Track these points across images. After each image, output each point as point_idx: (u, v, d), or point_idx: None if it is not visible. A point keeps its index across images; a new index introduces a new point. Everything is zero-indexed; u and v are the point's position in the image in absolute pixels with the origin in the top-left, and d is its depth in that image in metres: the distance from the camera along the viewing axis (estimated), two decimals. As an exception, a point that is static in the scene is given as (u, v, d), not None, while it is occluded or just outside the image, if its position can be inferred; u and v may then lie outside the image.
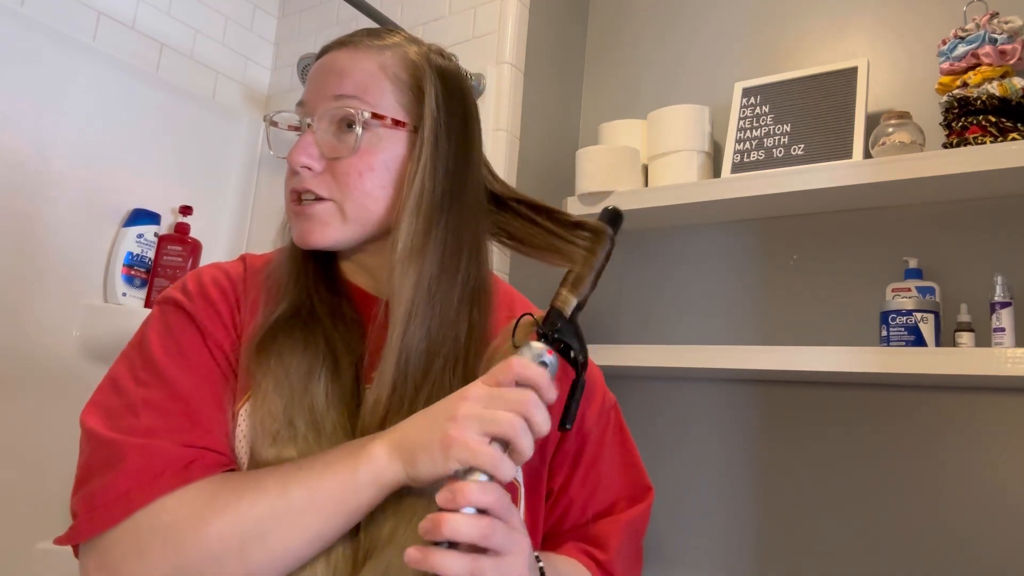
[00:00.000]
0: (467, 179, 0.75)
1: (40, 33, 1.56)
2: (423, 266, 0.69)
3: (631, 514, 0.79)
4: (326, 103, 0.72)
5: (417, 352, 0.67)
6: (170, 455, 0.61)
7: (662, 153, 1.55)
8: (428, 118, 0.72)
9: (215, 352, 0.69)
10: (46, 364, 1.54)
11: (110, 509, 0.60)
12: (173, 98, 1.81)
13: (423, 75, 0.74)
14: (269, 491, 0.60)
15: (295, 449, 0.64)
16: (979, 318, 1.24)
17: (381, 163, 0.72)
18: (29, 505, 1.49)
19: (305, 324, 0.71)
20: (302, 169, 0.71)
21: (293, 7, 2.09)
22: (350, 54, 0.74)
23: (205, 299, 0.72)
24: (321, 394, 0.67)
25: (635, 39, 1.81)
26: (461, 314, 0.71)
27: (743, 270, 1.53)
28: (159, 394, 0.65)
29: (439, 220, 0.71)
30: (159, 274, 1.71)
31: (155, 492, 0.60)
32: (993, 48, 1.23)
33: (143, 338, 0.71)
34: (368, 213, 0.72)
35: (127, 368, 0.69)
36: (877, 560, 1.29)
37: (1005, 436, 1.24)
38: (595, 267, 0.69)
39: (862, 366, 1.20)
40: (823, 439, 1.38)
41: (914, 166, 1.23)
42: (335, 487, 0.59)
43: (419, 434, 0.60)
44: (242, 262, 0.78)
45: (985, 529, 1.22)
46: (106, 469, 0.62)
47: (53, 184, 1.56)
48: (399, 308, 0.68)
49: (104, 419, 0.65)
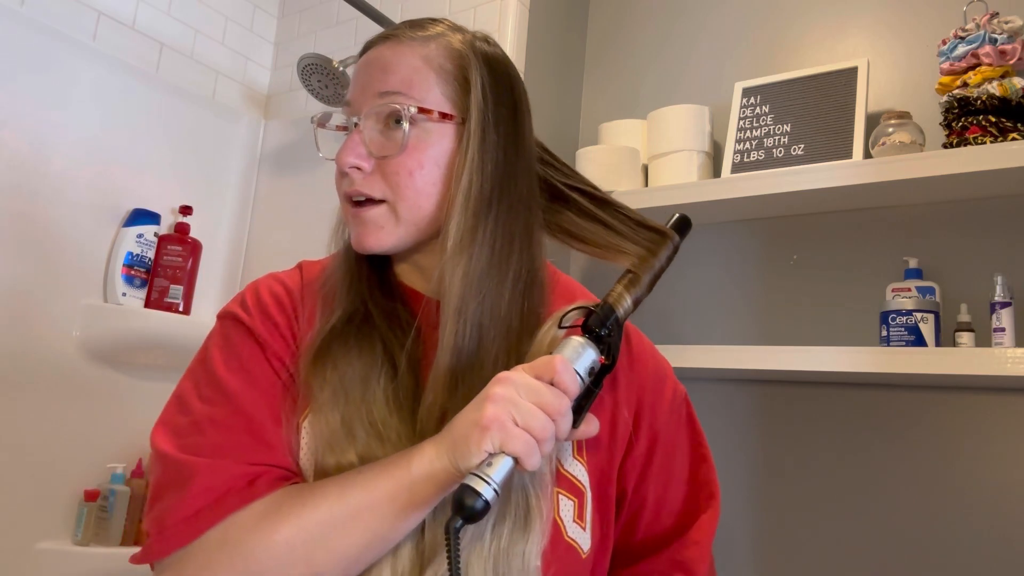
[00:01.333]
0: (517, 171, 0.72)
1: (40, 33, 1.56)
2: (471, 262, 0.67)
3: (708, 534, 0.76)
4: (371, 101, 0.71)
5: (470, 350, 0.66)
6: (236, 473, 0.62)
7: (662, 153, 1.55)
8: (475, 109, 0.70)
9: (276, 365, 0.69)
10: (46, 364, 1.54)
11: (180, 529, 0.60)
12: (173, 98, 1.81)
13: (468, 64, 0.72)
14: (329, 496, 0.60)
15: (355, 455, 0.63)
16: (979, 318, 1.23)
17: (430, 159, 0.70)
18: (29, 505, 1.49)
19: (359, 330, 0.70)
20: (351, 170, 0.70)
21: (293, 7, 2.09)
22: (393, 48, 0.72)
23: (263, 312, 0.71)
24: (380, 399, 0.66)
25: (635, 39, 1.81)
26: (513, 309, 0.69)
27: (743, 270, 1.53)
28: (223, 411, 0.65)
29: (487, 214, 0.69)
30: (159, 274, 1.71)
31: (223, 511, 0.60)
32: (993, 48, 1.23)
33: (206, 354, 0.71)
34: (421, 211, 0.70)
35: (192, 385, 0.69)
36: (877, 560, 1.29)
37: (1005, 436, 1.24)
38: (654, 269, 0.68)
39: (862, 366, 1.20)
40: (823, 439, 1.38)
41: (914, 166, 1.23)
42: (390, 486, 0.59)
43: (461, 423, 0.59)
44: (299, 270, 0.78)
45: (986, 529, 1.22)
46: (175, 489, 0.62)
47: (53, 184, 1.57)
48: (449, 305, 0.67)
49: (172, 438, 0.65)
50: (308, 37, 2.02)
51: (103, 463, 1.59)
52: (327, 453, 0.64)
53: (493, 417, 0.57)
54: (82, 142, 1.62)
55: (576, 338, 0.63)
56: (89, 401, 1.60)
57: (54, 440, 1.54)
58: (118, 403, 1.66)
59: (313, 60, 1.68)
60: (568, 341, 0.62)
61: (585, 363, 0.61)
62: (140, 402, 1.70)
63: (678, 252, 0.70)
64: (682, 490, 0.77)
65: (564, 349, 0.62)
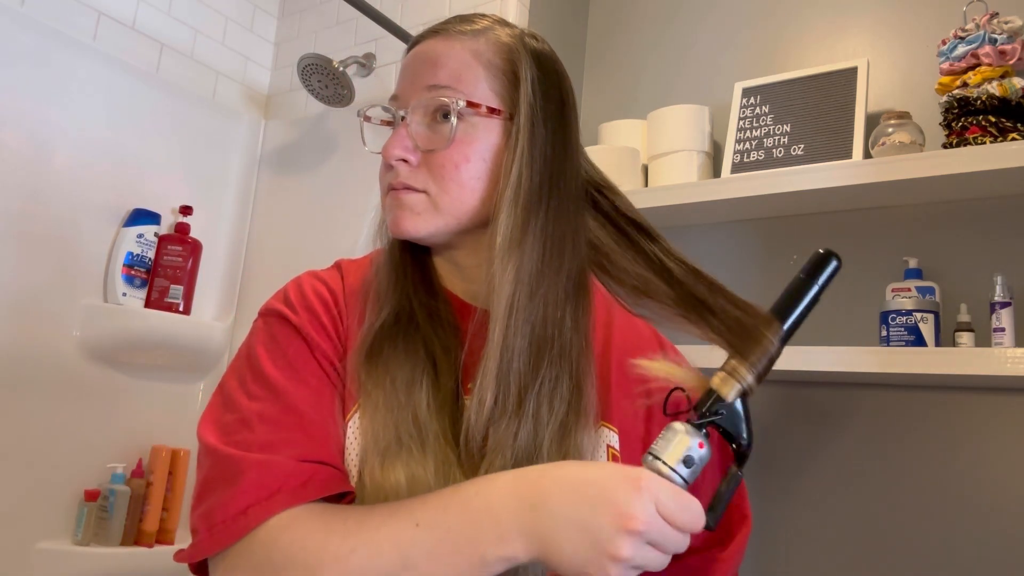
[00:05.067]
0: (565, 168, 0.72)
1: (40, 33, 1.56)
2: (523, 259, 0.66)
3: (734, 552, 0.74)
4: (419, 94, 0.70)
5: (520, 349, 0.64)
6: (288, 470, 0.60)
7: (662, 153, 1.55)
8: (524, 104, 0.69)
9: (323, 363, 0.68)
10: (46, 364, 1.54)
11: (229, 526, 0.59)
12: (173, 98, 1.81)
13: (518, 59, 0.71)
14: (383, 551, 0.56)
15: (402, 469, 0.61)
16: (979, 318, 1.23)
17: (476, 153, 0.69)
18: (29, 505, 1.49)
19: (406, 331, 0.69)
20: (397, 163, 0.69)
21: (293, 7, 2.09)
22: (443, 42, 0.71)
23: (308, 310, 0.70)
24: (423, 402, 0.65)
25: (635, 39, 1.81)
26: (566, 311, 0.67)
27: (743, 270, 1.53)
28: (272, 407, 0.64)
29: (538, 211, 0.67)
30: (159, 274, 1.71)
31: (275, 509, 0.59)
32: (993, 48, 1.23)
33: (250, 351, 0.70)
34: (463, 205, 0.69)
35: (237, 383, 0.68)
36: (877, 559, 1.29)
37: (1005, 436, 1.24)
38: (759, 367, 0.61)
39: (862, 366, 1.20)
40: (823, 439, 1.38)
41: (914, 166, 1.23)
42: (456, 561, 0.55)
43: (569, 547, 0.53)
44: (338, 269, 0.77)
45: (986, 528, 1.22)
46: (225, 485, 0.60)
47: (53, 184, 1.57)
48: (500, 303, 0.65)
49: (220, 435, 0.64)
50: (308, 37, 2.02)
51: (103, 463, 1.59)
52: (375, 462, 0.62)
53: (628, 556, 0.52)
54: (82, 142, 1.62)
55: (677, 425, 0.58)
56: (89, 401, 1.60)
57: (54, 440, 1.54)
58: (118, 403, 1.66)
59: (313, 60, 1.68)
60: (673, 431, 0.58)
61: (690, 450, 0.57)
62: (140, 402, 1.70)
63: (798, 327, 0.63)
64: None
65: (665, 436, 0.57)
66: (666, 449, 0.56)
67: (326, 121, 1.89)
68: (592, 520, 0.53)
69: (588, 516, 0.53)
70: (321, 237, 1.80)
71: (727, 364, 0.61)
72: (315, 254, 1.84)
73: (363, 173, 1.74)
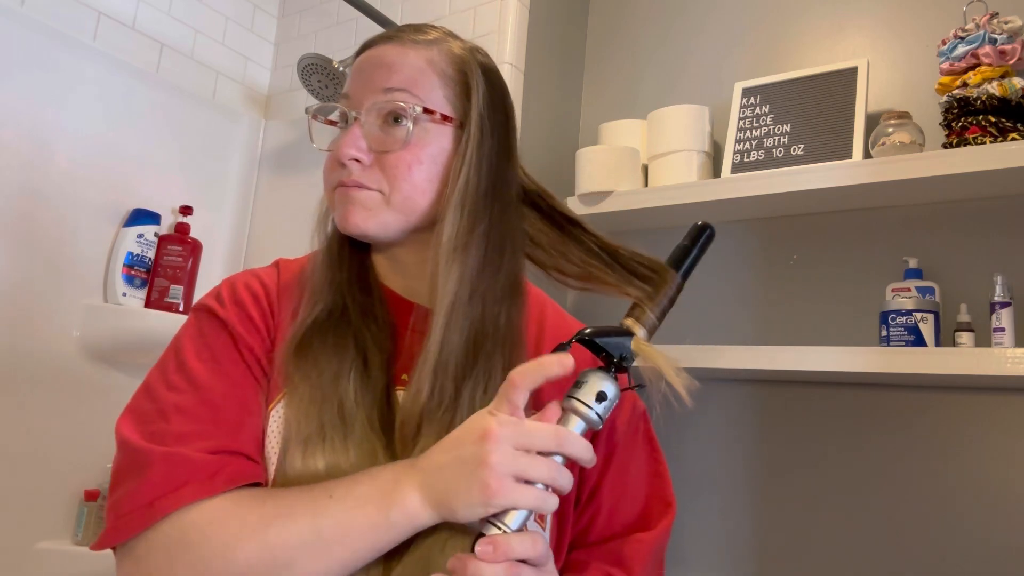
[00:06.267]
0: (508, 175, 0.75)
1: (40, 33, 1.56)
2: (467, 262, 0.69)
3: (655, 534, 0.77)
4: (374, 96, 0.73)
5: (457, 344, 0.68)
6: (196, 464, 0.62)
7: (662, 153, 1.55)
8: (475, 114, 0.73)
9: (247, 356, 0.70)
10: (46, 364, 1.54)
11: (135, 516, 0.60)
12: (173, 98, 1.81)
13: (470, 72, 0.75)
14: (298, 520, 0.60)
15: (323, 459, 0.64)
16: (979, 318, 1.24)
17: (429, 156, 0.72)
18: (29, 505, 1.49)
19: (337, 326, 0.71)
20: (351, 162, 0.72)
21: (293, 7, 2.09)
22: (397, 48, 0.74)
23: (237, 305, 0.73)
24: (350, 394, 0.67)
25: (635, 39, 1.81)
26: (502, 308, 0.71)
27: (743, 270, 1.53)
28: (190, 399, 0.66)
29: (483, 216, 0.71)
30: (159, 274, 1.71)
31: (179, 501, 0.60)
32: (993, 48, 1.23)
33: (178, 344, 0.72)
34: (414, 205, 0.72)
35: (160, 374, 0.70)
36: (877, 559, 1.29)
37: (1005, 436, 1.24)
38: (661, 306, 0.68)
39: (862, 366, 1.20)
40: (823, 439, 1.38)
41: (914, 166, 1.23)
42: (365, 525, 0.59)
43: (452, 480, 0.58)
44: (276, 267, 0.79)
45: (986, 529, 1.22)
46: (133, 476, 0.63)
47: (53, 184, 1.57)
48: (443, 301, 0.68)
49: (136, 424, 0.66)
50: (308, 37, 2.02)
51: (103, 463, 1.59)
52: (295, 450, 0.64)
53: (498, 486, 0.57)
54: (82, 142, 1.62)
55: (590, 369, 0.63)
56: (89, 401, 1.60)
57: (54, 440, 1.54)
58: (118, 403, 1.63)
59: (313, 60, 1.68)
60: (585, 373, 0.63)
61: (594, 390, 0.62)
62: (140, 402, 1.70)
63: (685, 283, 0.72)
64: (638, 505, 0.78)
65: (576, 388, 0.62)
66: (580, 390, 0.62)
67: (326, 121, 1.89)
68: (460, 450, 0.59)
69: (456, 450, 0.59)
70: (321, 237, 1.80)
71: (634, 310, 0.68)
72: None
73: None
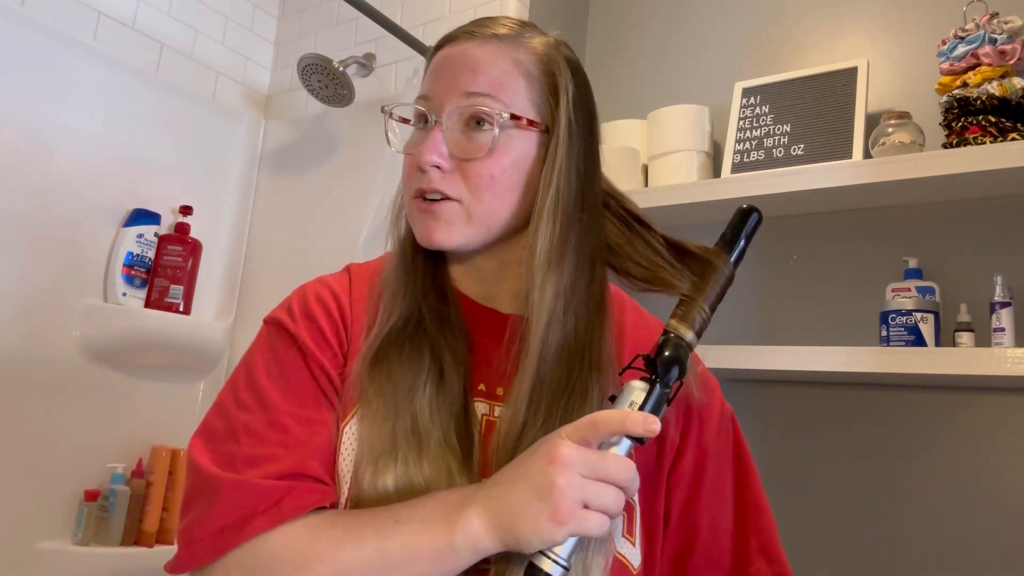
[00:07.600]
0: (595, 180, 0.72)
1: (40, 33, 1.56)
2: (562, 275, 0.67)
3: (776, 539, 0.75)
4: (457, 99, 0.68)
5: (554, 361, 0.65)
6: (263, 491, 0.61)
7: (662, 153, 1.55)
8: (563, 118, 0.69)
9: (317, 374, 0.68)
10: (46, 364, 1.54)
11: (207, 544, 0.60)
12: (173, 98, 1.81)
13: (558, 72, 0.71)
14: (367, 543, 0.59)
15: (395, 476, 0.63)
16: (979, 318, 1.23)
17: (513, 164, 0.68)
18: (29, 505, 1.49)
19: (413, 336, 0.69)
20: (431, 168, 0.68)
21: (293, 7, 2.09)
22: (479, 47, 0.70)
23: (308, 318, 0.70)
24: (425, 408, 0.65)
25: (635, 39, 1.81)
26: (594, 323, 0.69)
27: (743, 270, 1.52)
28: (259, 419, 0.65)
29: (575, 225, 0.68)
30: (159, 274, 1.71)
31: (250, 531, 0.60)
32: (993, 48, 1.23)
33: (250, 360, 0.70)
34: (495, 215, 0.69)
35: (231, 391, 0.69)
36: (877, 559, 1.29)
37: (1005, 436, 1.24)
38: (710, 298, 0.67)
39: (862, 366, 1.20)
40: (823, 439, 1.38)
41: (914, 166, 1.23)
42: (430, 550, 0.58)
43: (518, 506, 0.57)
44: (347, 273, 0.76)
45: (985, 529, 1.22)
46: (203, 502, 0.62)
47: (53, 184, 1.57)
48: (540, 318, 0.66)
49: (206, 444, 0.66)
50: (308, 37, 2.02)
51: (103, 463, 1.59)
52: (368, 468, 0.63)
53: (568, 512, 0.55)
54: (82, 142, 1.62)
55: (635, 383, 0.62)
56: (89, 401, 1.61)
57: (54, 440, 1.54)
58: (118, 403, 1.66)
59: (313, 60, 1.68)
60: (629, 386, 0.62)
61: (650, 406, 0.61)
62: (140, 402, 1.70)
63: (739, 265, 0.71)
64: (731, 509, 0.76)
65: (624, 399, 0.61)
66: (623, 403, 0.61)
67: (326, 121, 1.89)
68: (527, 471, 0.58)
69: (523, 471, 0.58)
70: (321, 237, 1.80)
71: (680, 306, 0.67)
72: (315, 254, 1.84)
73: (363, 173, 1.74)
